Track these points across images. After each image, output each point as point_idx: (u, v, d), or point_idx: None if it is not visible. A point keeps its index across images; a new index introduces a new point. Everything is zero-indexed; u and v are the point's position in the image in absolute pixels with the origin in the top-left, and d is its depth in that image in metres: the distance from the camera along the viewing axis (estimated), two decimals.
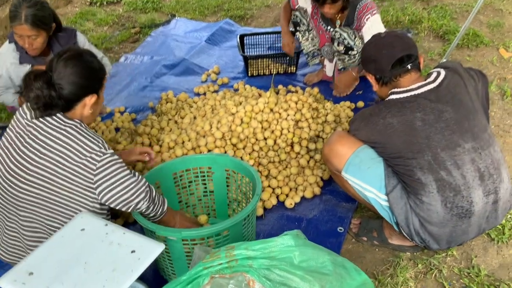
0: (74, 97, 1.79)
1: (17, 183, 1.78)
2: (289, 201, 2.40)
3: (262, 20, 4.85)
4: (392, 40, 1.94)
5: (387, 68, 1.89)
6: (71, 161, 1.72)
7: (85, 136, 1.74)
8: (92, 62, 1.84)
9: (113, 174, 1.74)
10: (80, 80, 1.78)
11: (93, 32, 4.75)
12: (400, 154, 1.85)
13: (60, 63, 1.77)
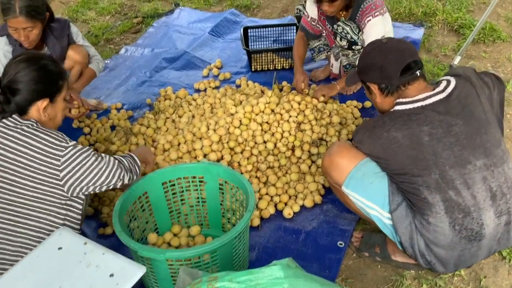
0: (25, 102, 1.73)
1: None
2: (287, 210, 2.27)
3: (269, 10, 4.67)
4: (398, 44, 1.78)
5: (395, 75, 1.73)
6: (33, 159, 1.66)
7: (43, 132, 1.69)
8: (47, 65, 1.77)
9: (80, 166, 1.69)
10: (32, 84, 1.71)
11: (95, 22, 4.62)
12: (405, 171, 1.70)
13: (12, 66, 1.72)
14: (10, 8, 2.35)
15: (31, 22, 2.42)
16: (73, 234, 1.61)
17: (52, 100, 1.79)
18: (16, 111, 1.72)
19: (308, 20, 3.06)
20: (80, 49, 2.86)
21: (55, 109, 1.83)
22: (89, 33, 4.34)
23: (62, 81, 1.83)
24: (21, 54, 1.79)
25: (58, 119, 1.88)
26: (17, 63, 1.72)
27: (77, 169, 1.68)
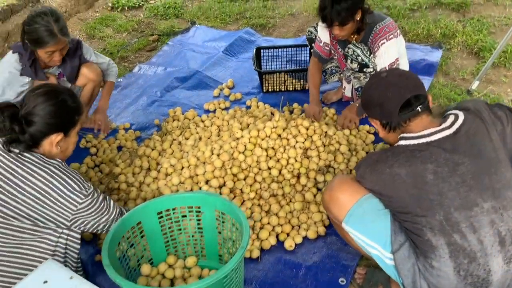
0: (40, 134, 1.75)
1: None
2: (289, 242, 2.19)
3: (284, 29, 4.63)
4: (397, 79, 1.69)
5: (394, 112, 1.65)
6: (51, 199, 1.72)
7: (67, 175, 1.75)
8: (66, 100, 1.79)
9: (91, 216, 1.81)
10: (48, 118, 1.74)
11: (111, 39, 4.66)
12: (408, 210, 1.61)
13: (32, 98, 1.74)
14: (52, 34, 2.41)
15: (66, 40, 2.52)
16: (59, 267, 1.57)
17: (66, 134, 1.82)
18: (29, 141, 1.74)
19: (321, 45, 2.99)
20: (94, 67, 2.87)
21: (68, 142, 1.86)
22: (105, 50, 4.38)
23: (78, 116, 1.86)
24: (41, 87, 1.81)
25: (69, 151, 1.91)
26: (36, 96, 1.75)
27: (87, 217, 1.80)
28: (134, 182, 2.55)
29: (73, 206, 1.74)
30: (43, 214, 1.73)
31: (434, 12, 4.43)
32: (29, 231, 1.73)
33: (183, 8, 5.24)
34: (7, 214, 1.70)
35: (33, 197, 1.70)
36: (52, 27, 2.40)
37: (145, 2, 5.45)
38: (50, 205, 1.72)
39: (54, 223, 1.75)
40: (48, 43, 2.43)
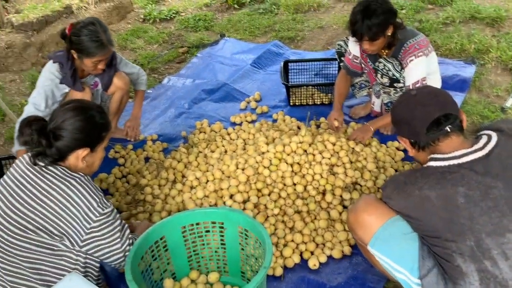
0: (66, 149, 1.76)
1: (10, 227, 1.72)
2: (313, 261, 2.15)
3: (313, 42, 4.62)
4: (425, 97, 1.65)
5: (421, 131, 1.61)
6: (68, 213, 1.71)
7: (87, 190, 1.73)
8: (94, 116, 1.81)
9: (103, 239, 1.76)
10: (75, 134, 1.75)
11: (142, 51, 4.75)
12: (437, 234, 1.55)
13: (61, 112, 1.77)
14: (102, 45, 2.49)
15: (111, 51, 2.61)
16: (83, 280, 1.59)
17: (92, 150, 1.83)
18: (56, 155, 1.76)
19: (350, 58, 2.97)
20: (122, 75, 2.93)
21: (94, 157, 1.87)
22: (136, 62, 4.45)
23: (105, 132, 1.86)
24: (71, 102, 1.84)
25: (95, 166, 1.92)
26: (65, 111, 1.77)
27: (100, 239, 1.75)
28: (160, 194, 2.56)
29: (87, 223, 1.71)
30: (60, 229, 1.71)
31: (468, 26, 4.33)
32: (48, 246, 1.72)
33: (213, 21, 5.31)
34: (27, 227, 1.70)
35: (52, 210, 1.70)
36: (102, 38, 2.48)
37: (176, 15, 5.54)
38: (67, 220, 1.70)
39: (69, 238, 1.73)
40: (97, 53, 2.50)
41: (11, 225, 1.71)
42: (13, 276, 1.72)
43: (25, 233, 1.71)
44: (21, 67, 4.52)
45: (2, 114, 3.63)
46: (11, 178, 1.79)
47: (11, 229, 1.71)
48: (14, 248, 1.71)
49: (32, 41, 4.56)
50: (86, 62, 2.56)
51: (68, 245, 1.75)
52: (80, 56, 2.53)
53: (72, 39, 2.49)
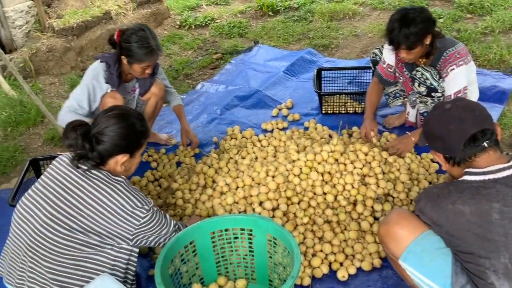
0: (107, 153, 1.83)
1: (55, 226, 1.77)
2: (342, 272, 2.12)
3: (347, 50, 4.58)
4: (461, 112, 1.60)
5: (458, 147, 1.56)
6: (115, 215, 1.79)
7: (130, 192, 1.83)
8: (135, 124, 1.87)
9: (153, 228, 1.88)
10: (116, 140, 1.82)
11: (177, 56, 4.83)
12: (471, 250, 1.51)
13: (104, 119, 1.83)
14: (151, 51, 2.57)
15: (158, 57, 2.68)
16: (113, 281, 1.62)
17: (131, 156, 1.90)
18: (97, 159, 1.83)
19: (384, 66, 2.92)
20: (158, 82, 2.99)
21: (132, 162, 1.94)
22: (170, 67, 4.54)
23: (144, 139, 1.93)
24: (114, 109, 1.91)
25: (132, 170, 1.99)
26: (108, 117, 1.84)
27: (149, 230, 1.87)
28: (190, 198, 2.59)
29: (136, 221, 1.81)
30: (107, 229, 1.79)
31: (508, 37, 4.21)
32: (92, 245, 1.79)
33: (247, 28, 5.35)
34: (73, 227, 1.77)
35: (98, 212, 1.77)
36: (151, 44, 2.55)
37: (211, 21, 5.62)
38: (114, 221, 1.78)
39: (118, 237, 1.81)
40: (147, 59, 2.57)
41: (56, 225, 1.77)
42: (55, 274, 1.77)
43: (71, 233, 1.77)
44: (60, 70, 4.67)
45: (41, 116, 3.76)
46: (51, 179, 1.85)
47: (57, 228, 1.76)
48: (59, 247, 1.76)
49: (72, 46, 4.71)
50: (135, 68, 2.63)
51: (114, 243, 1.82)
52: (130, 62, 2.60)
53: (122, 45, 2.57)
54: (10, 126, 3.67)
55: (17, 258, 1.85)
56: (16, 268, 1.85)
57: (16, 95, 4.02)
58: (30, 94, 3.37)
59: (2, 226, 2.61)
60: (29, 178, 2.69)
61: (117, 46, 2.62)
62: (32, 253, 1.79)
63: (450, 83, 2.59)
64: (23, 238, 1.81)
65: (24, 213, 1.83)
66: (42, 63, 4.63)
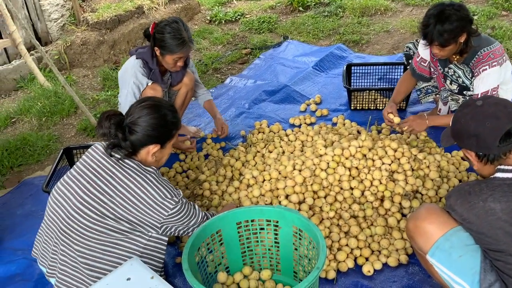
0: (139, 143, 1.86)
1: (87, 211, 1.82)
2: (367, 267, 2.11)
3: (378, 46, 4.53)
4: (495, 109, 1.56)
5: (493, 144, 1.53)
6: (145, 203, 1.83)
7: (161, 183, 1.86)
8: (166, 115, 1.90)
9: (180, 219, 1.91)
10: (148, 130, 1.85)
11: (207, 51, 4.87)
12: (501, 248, 1.48)
13: (137, 109, 1.86)
14: (183, 42, 2.61)
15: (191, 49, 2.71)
16: (142, 266, 1.65)
17: (162, 146, 1.93)
18: (129, 148, 1.87)
19: (418, 59, 2.88)
20: (189, 72, 3.03)
21: (163, 153, 1.97)
22: (200, 62, 4.58)
23: (175, 130, 1.96)
24: (147, 100, 1.95)
25: (163, 161, 2.02)
26: (141, 108, 1.88)
27: (178, 221, 1.91)
28: (217, 190, 2.62)
29: (165, 211, 1.84)
30: (137, 217, 1.83)
31: None
32: (122, 232, 1.84)
33: (277, 23, 5.34)
34: (104, 213, 1.82)
35: (129, 201, 1.81)
36: (184, 35, 2.59)
37: (241, 16, 5.64)
38: (144, 210, 1.82)
39: (147, 225, 1.86)
40: (179, 50, 2.61)
41: (88, 210, 1.82)
42: (86, 257, 1.83)
43: (102, 218, 1.82)
44: (94, 63, 4.79)
45: (74, 107, 3.87)
46: (85, 165, 1.90)
47: (89, 213, 1.82)
48: (91, 232, 1.82)
49: (105, 39, 4.82)
50: (167, 59, 2.67)
51: (143, 231, 1.87)
52: (163, 53, 2.65)
53: (155, 36, 2.62)
54: (45, 116, 3.78)
55: (50, 241, 1.92)
56: (49, 251, 1.92)
57: (51, 86, 4.15)
58: (65, 85, 3.46)
59: (36, 211, 2.72)
60: (62, 166, 2.77)
61: (151, 38, 2.67)
62: (65, 237, 1.85)
63: (480, 82, 2.53)
64: (56, 222, 1.87)
65: (58, 197, 1.89)
66: (76, 55, 4.76)
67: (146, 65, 2.74)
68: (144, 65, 2.73)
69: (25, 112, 3.85)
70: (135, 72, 2.70)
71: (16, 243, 2.46)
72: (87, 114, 3.52)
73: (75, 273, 1.85)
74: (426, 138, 2.93)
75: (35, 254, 2.03)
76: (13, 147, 3.37)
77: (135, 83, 2.69)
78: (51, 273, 1.92)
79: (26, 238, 2.47)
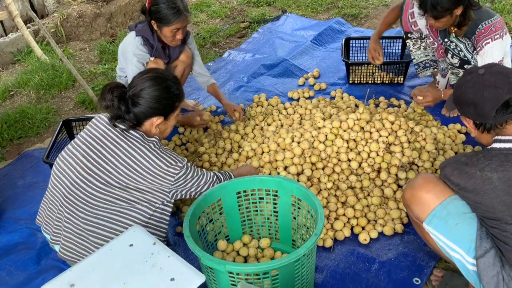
0: (142, 115, 1.88)
1: (91, 180, 1.85)
2: (364, 235, 2.16)
3: (377, 20, 4.50)
4: (495, 79, 1.57)
5: (490, 114, 1.55)
6: (150, 172, 1.85)
7: (164, 152, 1.89)
8: (170, 87, 1.90)
9: (188, 181, 1.94)
10: (151, 103, 1.86)
11: (205, 25, 4.83)
12: (497, 216, 1.51)
13: (140, 81, 1.87)
14: (178, 12, 2.57)
15: (188, 19, 2.67)
16: (144, 233, 1.69)
17: (166, 118, 1.94)
18: (133, 120, 1.89)
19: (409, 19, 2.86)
20: (186, 49, 3.01)
21: (166, 125, 1.99)
22: (198, 35, 4.55)
23: (178, 102, 1.97)
24: (149, 71, 1.94)
25: (167, 133, 2.04)
26: (144, 80, 1.88)
27: (186, 183, 1.93)
28: (217, 162, 2.65)
29: (171, 177, 1.87)
30: (144, 186, 1.86)
31: None
32: (128, 201, 1.87)
33: None
34: (109, 182, 1.84)
35: (134, 170, 1.84)
36: (178, 5, 2.56)
37: None
38: (149, 178, 1.85)
39: (157, 192, 1.88)
40: (175, 20, 2.57)
41: (93, 179, 1.85)
42: (91, 225, 1.87)
43: (108, 187, 1.85)
44: (90, 36, 4.75)
45: (72, 80, 3.86)
46: (89, 135, 1.91)
47: (94, 182, 1.84)
48: (96, 200, 1.85)
49: (101, 12, 4.77)
50: (165, 32, 2.64)
51: (151, 201, 1.89)
52: (160, 26, 2.62)
53: (151, 9, 2.59)
54: (43, 89, 3.78)
55: (54, 208, 1.95)
56: (53, 218, 1.96)
57: (48, 59, 4.12)
58: (62, 58, 3.44)
59: (37, 182, 2.75)
60: (62, 138, 2.79)
61: (147, 12, 2.64)
62: (69, 204, 1.88)
63: (484, 57, 2.53)
64: (60, 190, 1.90)
65: (62, 165, 1.91)
66: (72, 29, 4.71)
67: (147, 42, 2.71)
68: (145, 43, 2.71)
69: (23, 85, 3.84)
70: (136, 51, 2.68)
71: (19, 213, 2.50)
72: (85, 87, 3.52)
73: (79, 240, 1.89)
74: (423, 111, 2.96)
75: (39, 222, 2.07)
76: (12, 120, 3.38)
77: (139, 62, 2.67)
78: (56, 239, 1.96)
79: (28, 208, 2.51)
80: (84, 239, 1.88)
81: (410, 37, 3.04)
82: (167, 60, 2.91)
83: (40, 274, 2.10)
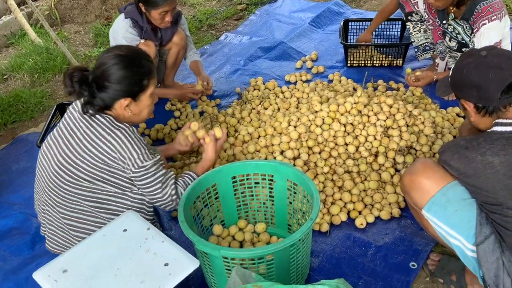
0: (108, 98, 1.75)
1: (63, 175, 1.79)
2: (360, 220, 2.15)
3: (376, 2, 4.44)
4: (499, 60, 1.53)
5: (495, 96, 1.51)
6: (112, 159, 1.76)
7: (130, 141, 1.75)
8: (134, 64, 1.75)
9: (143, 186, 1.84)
10: (114, 83, 1.73)
11: (201, 7, 4.76)
12: (498, 201, 1.49)
13: (103, 61, 1.74)
14: None
15: (176, 1, 2.62)
16: (138, 218, 1.68)
17: (135, 99, 1.79)
18: (102, 104, 1.75)
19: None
20: (179, 31, 2.96)
21: (140, 106, 1.82)
22: (194, 18, 4.48)
23: (147, 80, 1.79)
24: (112, 50, 1.80)
25: (144, 115, 1.87)
26: (106, 59, 1.74)
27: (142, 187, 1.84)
28: None
29: (130, 171, 1.77)
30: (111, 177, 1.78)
31: None
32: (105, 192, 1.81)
33: None
34: (80, 176, 1.76)
35: (98, 159, 1.74)
36: None
37: None
38: (115, 167, 1.76)
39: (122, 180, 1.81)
40: (163, 3, 2.52)
41: (65, 174, 1.77)
42: (69, 219, 1.84)
43: (77, 181, 1.77)
44: (85, 19, 4.67)
45: (67, 63, 3.80)
46: (65, 125, 1.82)
47: (65, 177, 1.78)
48: (69, 195, 1.80)
49: None
50: (153, 15, 2.59)
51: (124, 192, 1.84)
52: (148, 9, 2.56)
53: None
54: (37, 72, 3.73)
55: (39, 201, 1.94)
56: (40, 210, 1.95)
57: (42, 42, 4.06)
58: (57, 41, 3.39)
59: (31, 167, 2.73)
60: (56, 122, 2.75)
61: None
62: (48, 198, 1.85)
63: (481, 38, 2.49)
64: (41, 184, 1.87)
65: (42, 159, 1.86)
66: (67, 11, 4.64)
67: (137, 24, 2.66)
68: (135, 25, 2.65)
69: (17, 68, 3.79)
70: (125, 34, 2.63)
71: (13, 198, 2.48)
72: None
73: (61, 233, 1.88)
74: (421, 95, 2.93)
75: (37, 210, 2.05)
76: (6, 104, 3.34)
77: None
78: (43, 230, 1.96)
79: (23, 193, 2.49)
80: (65, 232, 1.87)
81: (410, 19, 2.99)
82: (159, 42, 2.86)
83: (35, 259, 2.09)
